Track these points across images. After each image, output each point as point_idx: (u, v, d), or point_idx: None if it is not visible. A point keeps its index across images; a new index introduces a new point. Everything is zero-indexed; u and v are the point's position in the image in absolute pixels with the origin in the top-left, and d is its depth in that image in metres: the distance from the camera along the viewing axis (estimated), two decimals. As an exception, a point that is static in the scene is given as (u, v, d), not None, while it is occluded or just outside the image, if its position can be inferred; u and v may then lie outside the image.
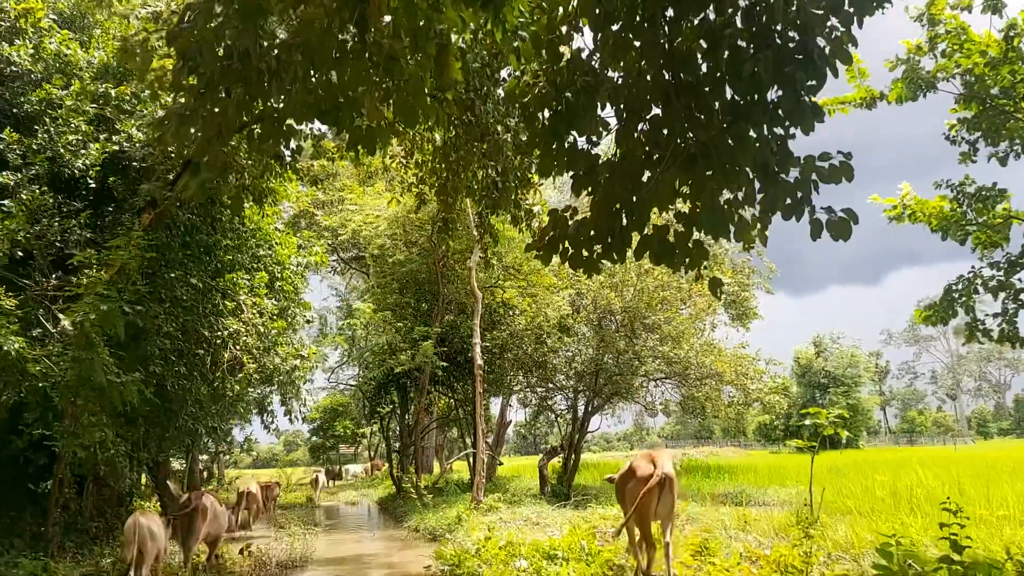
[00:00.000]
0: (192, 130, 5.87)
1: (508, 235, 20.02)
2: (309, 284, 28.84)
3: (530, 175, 10.66)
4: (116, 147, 13.44)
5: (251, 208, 16.43)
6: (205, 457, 36.84)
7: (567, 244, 5.67)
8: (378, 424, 31.00)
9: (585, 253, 5.69)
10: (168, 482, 29.55)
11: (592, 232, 5.63)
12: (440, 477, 26.06)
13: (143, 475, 19.66)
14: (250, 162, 13.45)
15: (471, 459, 26.49)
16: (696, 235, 5.46)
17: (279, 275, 17.02)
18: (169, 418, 14.68)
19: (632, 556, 9.02)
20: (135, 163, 13.41)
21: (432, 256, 22.10)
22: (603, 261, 5.69)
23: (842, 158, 5.22)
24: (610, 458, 56.12)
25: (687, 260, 5.53)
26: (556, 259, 5.96)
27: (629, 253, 5.67)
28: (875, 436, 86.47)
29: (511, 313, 23.90)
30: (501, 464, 24.42)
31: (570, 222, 5.71)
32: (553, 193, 32.55)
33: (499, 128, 10.56)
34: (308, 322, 18.21)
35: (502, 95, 10.87)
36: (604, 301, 21.35)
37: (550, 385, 24.83)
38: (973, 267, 10.23)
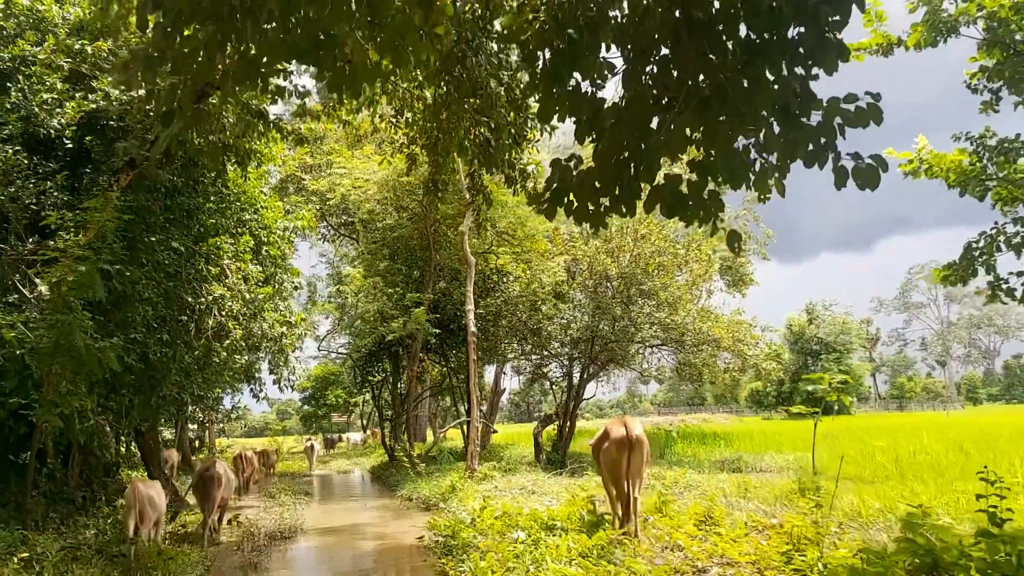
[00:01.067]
0: (161, 76, 5.37)
1: (501, 199, 19.58)
2: (297, 250, 28.33)
3: (525, 132, 10.16)
4: (93, 106, 12.88)
5: (235, 171, 15.94)
6: (195, 426, 36.58)
7: (572, 197, 5.23)
8: (370, 393, 30.69)
9: (591, 206, 5.25)
10: (174, 450, 29.34)
11: (598, 183, 5.20)
12: (433, 446, 25.79)
13: (131, 444, 19.33)
14: (231, 120, 12.92)
15: (464, 427, 26.24)
16: (711, 185, 5.03)
17: (265, 240, 16.54)
18: (153, 386, 14.25)
19: (611, 510, 9.74)
20: (113, 122, 12.84)
21: (424, 221, 21.59)
22: (611, 215, 5.26)
23: (870, 99, 4.78)
24: (605, 424, 55.99)
25: (701, 212, 5.10)
26: (560, 213, 5.54)
27: (639, 206, 5.24)
28: (865, 402, 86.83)
29: (505, 280, 23.49)
30: (495, 432, 24.16)
31: (574, 172, 5.27)
32: (548, 156, 32.00)
33: (492, 82, 10.05)
34: (296, 288, 17.76)
35: (495, 48, 10.36)
36: (600, 267, 20.93)
37: (545, 353, 24.49)
38: (996, 223, 9.75)
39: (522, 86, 10.04)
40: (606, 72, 5.26)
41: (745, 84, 4.86)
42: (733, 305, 35.13)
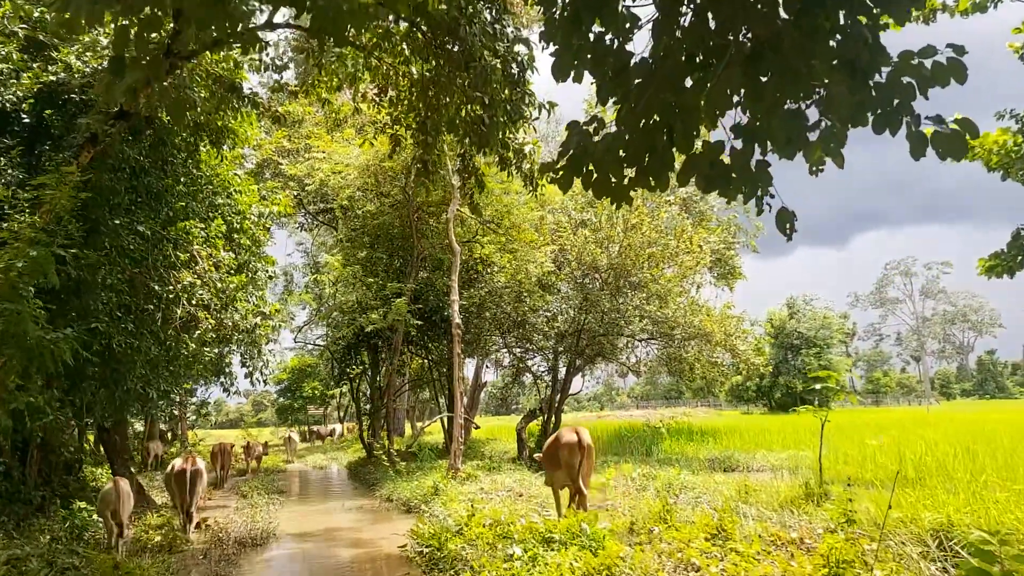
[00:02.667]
0: (109, 12, 4.50)
1: (488, 186, 18.74)
2: (274, 238, 27.38)
3: (522, 109, 9.34)
4: (53, 77, 11.94)
5: (208, 152, 15.02)
6: (172, 417, 35.45)
7: (591, 166, 4.45)
8: (348, 386, 29.80)
9: (614, 178, 4.48)
10: (158, 442, 28.34)
11: (623, 151, 4.42)
12: (414, 441, 24.99)
13: (96, 441, 18.36)
14: (203, 95, 12.02)
15: (445, 422, 25.44)
16: (758, 154, 4.28)
17: (239, 226, 15.63)
18: (117, 380, 13.33)
19: (556, 501, 11.26)
20: (75, 95, 11.91)
21: (406, 208, 20.71)
22: (637, 188, 4.49)
23: (951, 54, 4.04)
24: (583, 418, 55.61)
25: (746, 186, 4.35)
26: (569, 192, 4.77)
27: (671, 178, 4.48)
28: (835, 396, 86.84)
29: (489, 270, 22.69)
30: (477, 428, 23.39)
31: (596, 138, 4.49)
32: (548, 126, 31.06)
33: (486, 54, 9.23)
34: (271, 277, 16.84)
35: (490, 17, 9.55)
36: (589, 257, 20.20)
37: (529, 346, 23.75)
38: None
39: (520, 58, 9.24)
40: (633, 22, 4.50)
41: (799, 36, 4.13)
42: (719, 299, 34.63)
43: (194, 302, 12.88)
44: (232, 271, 13.93)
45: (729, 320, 21.15)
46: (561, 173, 4.43)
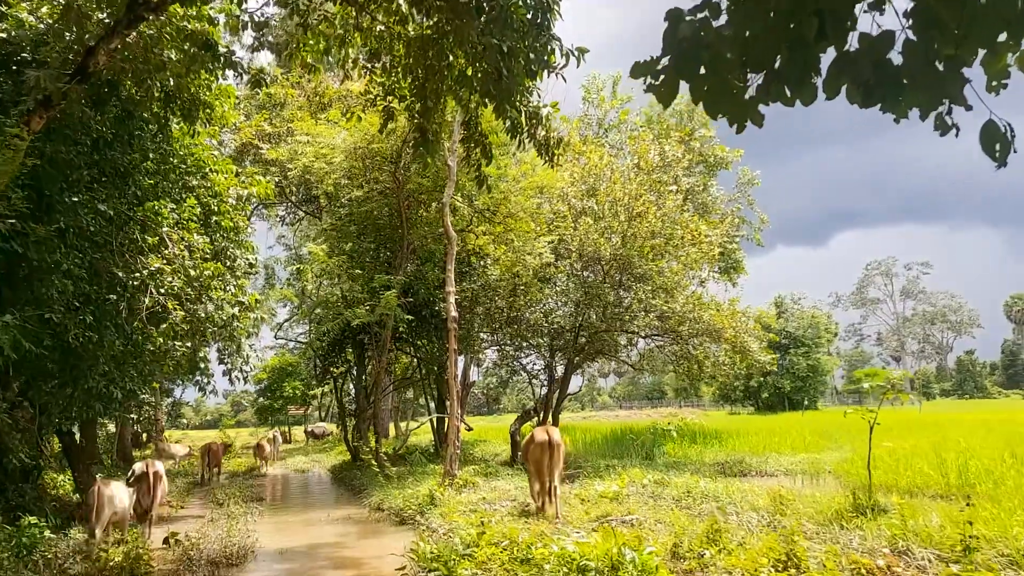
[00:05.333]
0: None
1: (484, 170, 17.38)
2: (254, 228, 25.94)
3: (546, 57, 8.01)
4: (2, 35, 10.52)
5: (180, 127, 13.64)
6: (144, 418, 33.81)
7: (705, 66, 3.17)
8: (331, 385, 28.36)
9: (735, 85, 3.20)
10: (159, 443, 27.01)
11: (746, 50, 3.15)
12: (402, 443, 23.61)
13: (55, 444, 16.89)
14: (172, 55, 10.65)
15: (434, 423, 24.10)
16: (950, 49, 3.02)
17: (216, 209, 14.25)
18: (76, 378, 11.92)
19: (533, 495, 11.99)
20: (26, 55, 10.49)
21: (396, 195, 19.34)
22: (767, 102, 3.21)
23: None
24: (568, 419, 54.22)
25: (923, 95, 3.08)
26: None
27: (816, 87, 3.20)
28: (823, 396, 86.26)
29: (483, 263, 21.39)
30: (470, 429, 22.10)
31: (703, 32, 3.21)
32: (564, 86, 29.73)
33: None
34: (251, 266, 15.45)
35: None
36: (591, 247, 18.93)
37: (523, 343, 22.46)
38: None
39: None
40: None
41: None
42: (727, 294, 33.24)
43: (163, 290, 11.49)
44: (207, 256, 12.55)
45: (738, 316, 19.98)
46: (662, 78, 3.15)
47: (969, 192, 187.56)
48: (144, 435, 36.35)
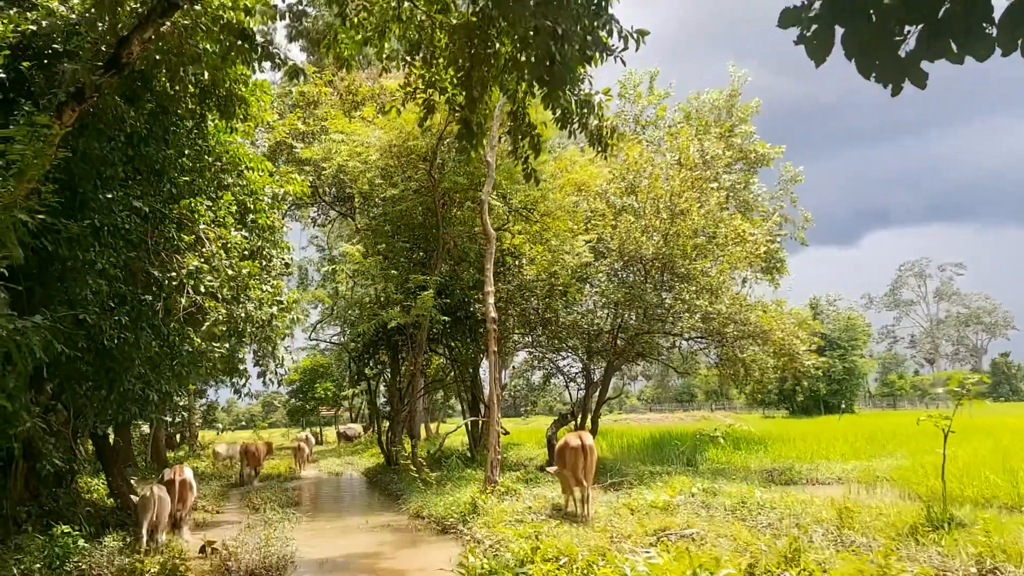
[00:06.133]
0: None
1: (517, 170, 16.89)
2: (289, 228, 25.68)
3: (601, 38, 7.47)
4: (32, 26, 10.22)
5: (216, 124, 13.33)
6: (178, 421, 33.74)
7: (861, 12, 2.65)
8: (364, 386, 28.02)
9: (892, 39, 2.68)
10: (216, 449, 26.98)
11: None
12: (438, 447, 23.19)
13: (90, 447, 16.64)
14: (208, 47, 10.30)
15: (468, 425, 23.65)
16: None
17: (252, 207, 13.92)
18: (112, 381, 11.61)
19: (565, 499, 12.84)
20: (57, 46, 10.18)
21: (431, 194, 18.92)
22: (930, 58, 2.69)
23: None
24: (600, 423, 53.29)
25: None
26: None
27: (992, 41, 2.67)
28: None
29: (518, 263, 20.90)
30: (507, 433, 21.61)
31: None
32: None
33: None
34: (287, 266, 15.12)
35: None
36: (632, 246, 18.36)
37: (560, 344, 21.91)
38: None
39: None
40: None
41: None
42: (773, 294, 32.31)
43: (201, 290, 11.14)
44: (244, 255, 12.20)
45: (788, 317, 19.31)
46: (815, 28, 2.64)
47: (1002, 191, 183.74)
48: (178, 436, 36.34)
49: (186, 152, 12.45)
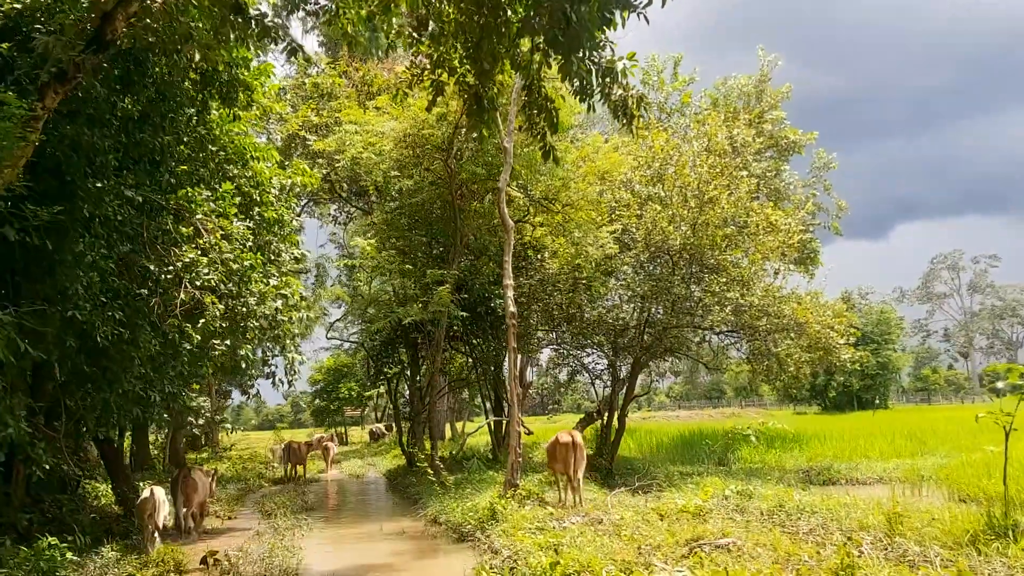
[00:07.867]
0: None
1: (537, 157, 16.08)
2: (303, 225, 25.10)
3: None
4: (18, 5, 9.65)
5: (219, 112, 12.72)
6: (202, 422, 33.34)
7: None
8: (385, 386, 27.37)
9: None
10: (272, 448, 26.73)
11: None
12: (459, 448, 22.49)
13: (94, 452, 16.13)
14: (201, 24, 9.64)
15: (491, 425, 22.91)
16: None
17: (258, 199, 13.30)
18: (111, 381, 11.01)
19: (556, 491, 14.03)
20: (40, 26, 9.57)
21: (448, 186, 18.20)
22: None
23: None
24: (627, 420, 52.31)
25: None
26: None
27: None
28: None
29: (540, 256, 20.12)
30: (530, 433, 20.86)
31: None
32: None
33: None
34: (298, 260, 14.48)
35: None
36: (659, 236, 17.51)
37: (585, 341, 21.11)
38: None
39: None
40: None
41: None
42: (808, 286, 31.18)
43: (199, 283, 10.51)
44: (246, 246, 11.55)
45: (821, 310, 18.35)
46: None
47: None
48: (203, 437, 36.01)
49: (185, 139, 11.84)
